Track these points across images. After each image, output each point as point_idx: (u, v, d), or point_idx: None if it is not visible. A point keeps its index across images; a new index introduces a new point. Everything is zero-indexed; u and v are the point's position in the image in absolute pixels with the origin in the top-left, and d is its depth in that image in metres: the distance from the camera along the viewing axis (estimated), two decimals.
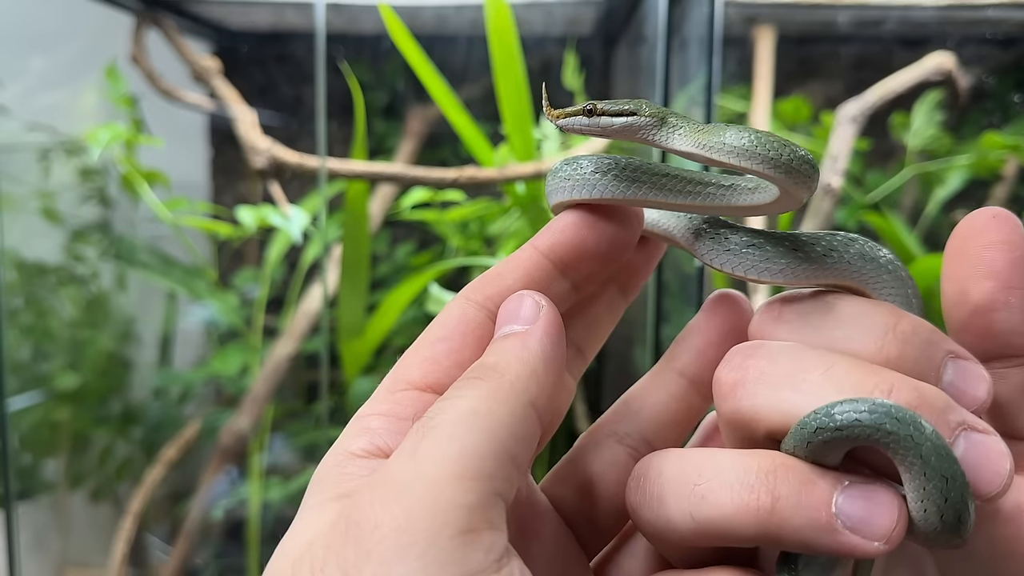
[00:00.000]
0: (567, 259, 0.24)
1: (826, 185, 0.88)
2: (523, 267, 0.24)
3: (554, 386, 0.22)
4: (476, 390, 0.21)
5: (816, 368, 0.21)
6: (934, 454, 0.19)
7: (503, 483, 0.20)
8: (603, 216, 0.24)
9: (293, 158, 0.86)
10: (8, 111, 0.99)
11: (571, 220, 0.24)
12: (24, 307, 1.07)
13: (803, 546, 0.20)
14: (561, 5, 1.03)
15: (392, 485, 0.19)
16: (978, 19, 0.96)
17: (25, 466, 1.09)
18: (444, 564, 0.18)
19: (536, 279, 0.24)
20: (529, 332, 0.22)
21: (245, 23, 1.14)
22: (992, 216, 0.23)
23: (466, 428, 0.20)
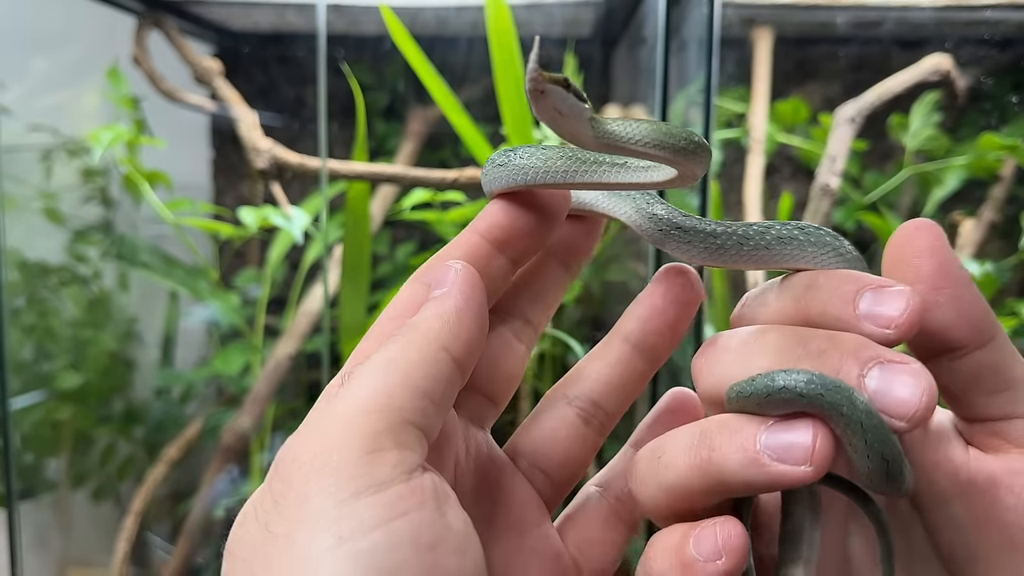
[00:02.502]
0: (501, 237, 0.27)
1: (824, 185, 0.89)
2: (463, 248, 0.27)
3: (470, 332, 0.25)
4: (393, 343, 0.24)
5: (756, 341, 0.25)
6: (863, 416, 0.21)
7: (414, 414, 0.23)
8: (529, 198, 0.28)
9: (294, 159, 0.87)
10: (10, 112, 1.00)
11: (502, 203, 0.28)
12: (26, 307, 1.07)
13: (746, 487, 0.23)
14: (561, 7, 1.03)
15: (311, 425, 0.23)
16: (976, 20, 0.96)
17: (27, 465, 1.09)
18: (353, 478, 0.21)
19: (476, 257, 0.27)
20: (445, 292, 0.26)
21: (247, 24, 1.14)
22: (915, 227, 0.25)
23: (378, 371, 0.23)
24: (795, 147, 1.03)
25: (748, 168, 0.97)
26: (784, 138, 1.02)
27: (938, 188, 0.99)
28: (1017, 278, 1.03)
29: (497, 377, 0.29)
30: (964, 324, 0.24)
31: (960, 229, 1.00)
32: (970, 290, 0.25)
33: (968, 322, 0.24)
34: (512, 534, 0.28)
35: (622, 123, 0.25)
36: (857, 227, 1.04)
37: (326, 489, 0.21)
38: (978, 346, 0.24)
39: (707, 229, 0.27)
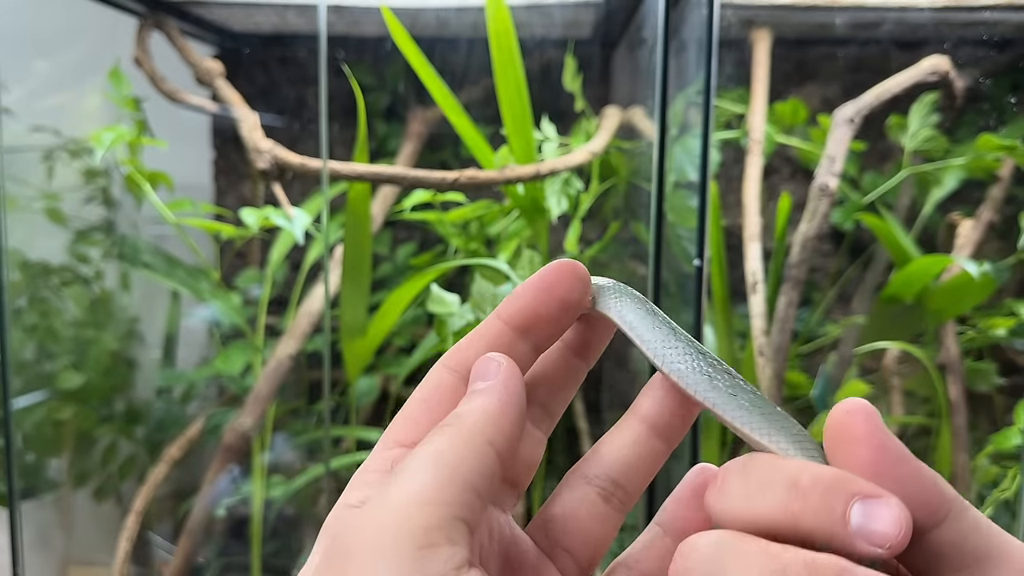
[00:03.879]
0: (524, 325, 0.29)
1: (823, 186, 0.89)
2: (488, 335, 0.29)
3: (512, 426, 0.26)
4: (442, 435, 0.25)
5: (731, 559, 0.23)
6: None
7: (462, 508, 0.23)
8: (553, 290, 0.29)
9: (295, 160, 0.87)
10: (12, 113, 1.00)
11: (527, 290, 0.29)
12: (28, 307, 1.08)
13: None
14: (560, 8, 1.03)
15: (367, 516, 0.23)
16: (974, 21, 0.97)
17: (29, 465, 1.10)
18: (407, 570, 0.22)
19: (501, 344, 0.28)
20: (490, 386, 0.27)
21: (248, 25, 1.15)
22: (847, 412, 0.24)
23: (429, 464, 0.24)
24: (794, 148, 1.04)
25: (747, 169, 0.98)
26: (783, 139, 1.02)
27: (936, 189, 0.99)
28: (1015, 278, 1.03)
29: (518, 463, 0.30)
30: (914, 508, 0.23)
31: (958, 229, 1.00)
32: (915, 470, 0.24)
33: (918, 505, 0.23)
34: None
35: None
36: (856, 227, 1.05)
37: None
38: (934, 526, 0.23)
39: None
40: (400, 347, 1.13)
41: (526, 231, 0.98)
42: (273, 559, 1.08)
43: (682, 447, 0.83)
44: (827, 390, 0.96)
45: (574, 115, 1.05)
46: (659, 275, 0.82)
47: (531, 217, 0.96)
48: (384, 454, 0.27)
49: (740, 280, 0.96)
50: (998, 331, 0.95)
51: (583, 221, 1.02)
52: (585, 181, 1.02)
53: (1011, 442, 0.86)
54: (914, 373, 0.99)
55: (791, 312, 0.88)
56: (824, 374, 0.98)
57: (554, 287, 0.28)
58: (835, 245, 1.11)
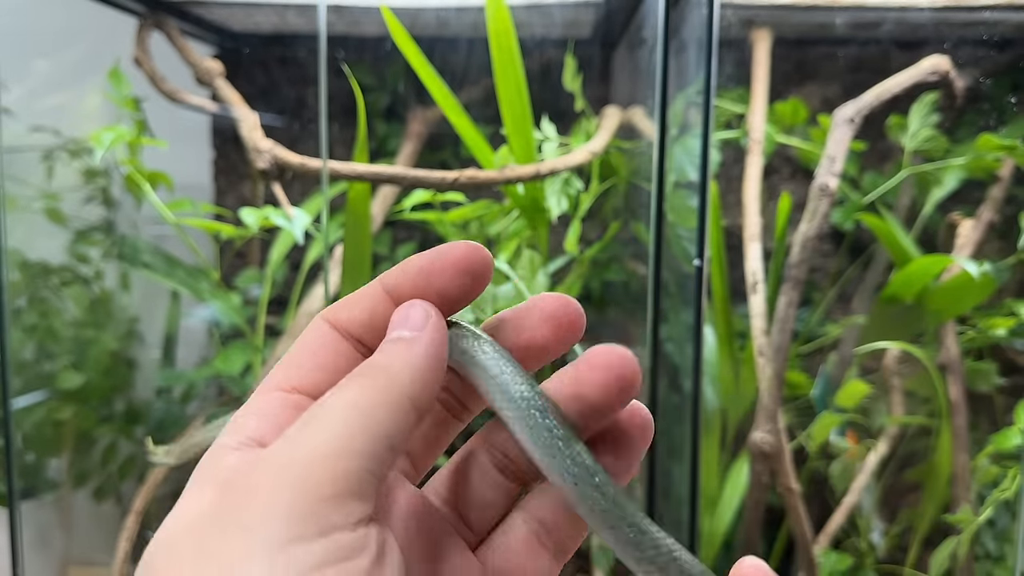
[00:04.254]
0: (402, 300, 0.26)
1: (823, 186, 0.89)
2: (369, 299, 0.27)
3: (435, 383, 0.25)
4: (359, 384, 0.24)
5: None
6: None
7: (373, 462, 0.23)
8: (433, 276, 0.27)
9: (295, 159, 0.87)
10: (12, 113, 1.00)
11: (414, 265, 0.27)
12: (28, 307, 1.08)
13: None
14: (560, 8, 1.03)
15: (268, 464, 0.22)
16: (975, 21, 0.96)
17: (29, 465, 1.09)
18: (305, 520, 0.21)
19: (379, 313, 0.27)
20: (416, 337, 0.25)
21: (247, 25, 1.14)
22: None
23: (343, 415, 0.23)
24: (794, 148, 1.04)
25: (747, 169, 0.98)
26: (783, 139, 1.02)
27: (937, 188, 0.99)
28: (1016, 278, 1.03)
29: (424, 437, 0.29)
30: None
31: (959, 229, 1.00)
32: None
33: None
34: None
35: None
36: (856, 227, 1.05)
37: (273, 527, 0.21)
38: None
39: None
40: None
41: (526, 231, 0.98)
42: None
43: (682, 447, 0.83)
44: (827, 390, 0.96)
45: (574, 115, 1.05)
46: (659, 275, 0.82)
47: (531, 217, 0.96)
48: (263, 398, 0.26)
49: (740, 280, 0.96)
50: (998, 331, 0.95)
51: (583, 221, 1.02)
52: (585, 181, 1.02)
53: (1011, 442, 0.86)
54: (914, 373, 0.99)
55: (791, 312, 0.88)
56: (824, 374, 0.98)
57: (433, 276, 0.26)
58: (835, 245, 1.11)
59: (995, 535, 0.93)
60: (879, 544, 0.99)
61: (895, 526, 1.01)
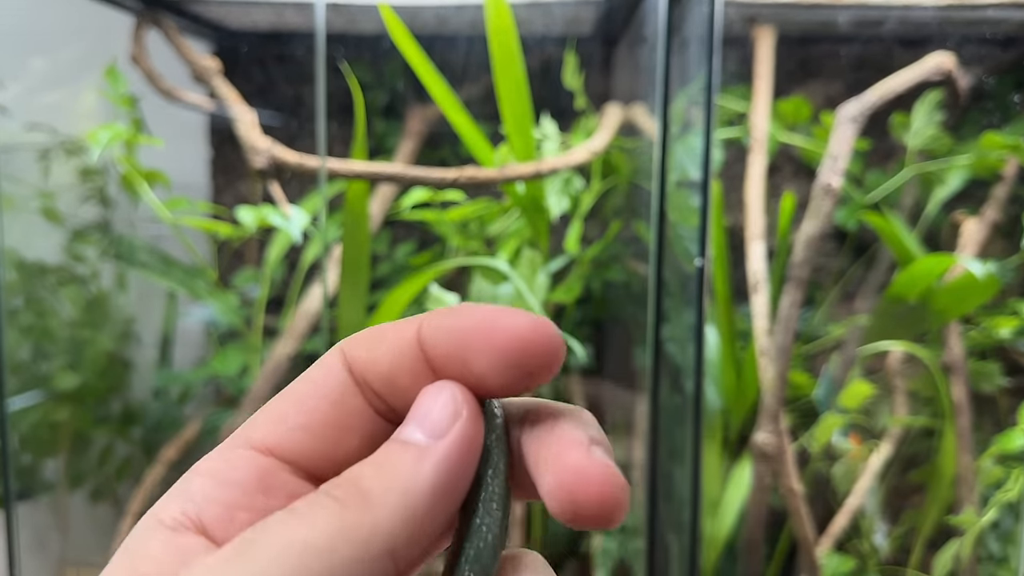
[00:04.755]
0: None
1: (826, 185, 0.88)
2: (404, 348, 0.20)
3: (436, 523, 0.18)
4: (325, 516, 0.17)
5: None
6: None
7: None
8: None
9: (293, 158, 0.86)
10: (8, 111, 0.99)
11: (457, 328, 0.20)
12: (24, 307, 1.07)
13: None
14: (561, 5, 1.03)
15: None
16: (978, 19, 0.96)
17: (25, 466, 1.09)
18: None
19: (403, 369, 0.20)
20: (428, 451, 0.18)
21: (245, 23, 1.14)
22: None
23: (282, 563, 0.16)
24: (797, 146, 1.03)
25: (749, 167, 0.97)
26: (786, 137, 1.01)
27: (940, 187, 0.99)
28: (1020, 278, 1.02)
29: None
30: None
31: (962, 229, 0.99)
32: None
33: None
34: None
35: None
36: (859, 227, 1.04)
37: None
38: None
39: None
40: None
41: (526, 230, 0.98)
42: None
43: (684, 448, 0.82)
44: (830, 390, 0.96)
45: (575, 113, 1.04)
46: (661, 275, 0.82)
47: (531, 216, 0.95)
48: (228, 454, 0.20)
49: (742, 280, 0.95)
50: (1002, 331, 0.94)
51: (584, 220, 1.02)
52: (586, 180, 1.02)
53: (1015, 443, 0.85)
54: (918, 374, 0.98)
55: (794, 312, 0.87)
56: (827, 375, 0.97)
57: (471, 353, 0.19)
58: (838, 244, 1.10)
59: (999, 537, 0.93)
60: (882, 546, 0.99)
61: (898, 528, 1.00)
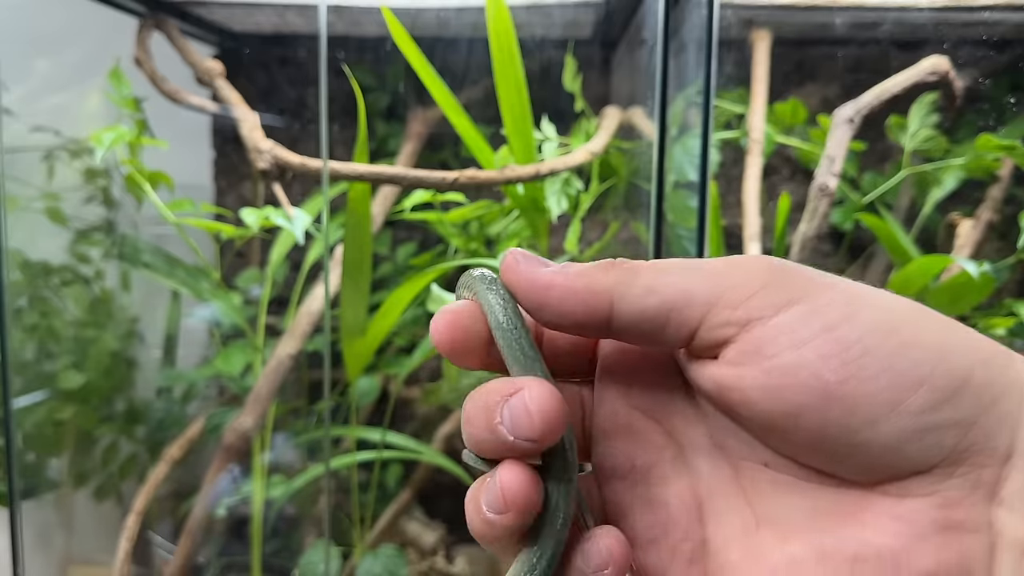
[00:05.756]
0: None
1: (822, 186, 0.89)
2: None
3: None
4: None
5: None
6: None
7: None
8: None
9: (296, 160, 0.87)
10: (13, 113, 1.00)
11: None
12: (29, 307, 1.08)
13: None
14: (560, 8, 1.03)
15: None
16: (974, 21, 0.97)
17: (29, 464, 1.10)
18: None
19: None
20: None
21: (248, 26, 1.15)
22: (504, 257, 0.28)
23: None
24: (794, 148, 1.04)
25: (747, 169, 0.98)
26: (783, 139, 1.02)
27: (936, 188, 0.99)
28: (1015, 278, 1.03)
29: None
30: (576, 314, 0.26)
31: (958, 229, 1.00)
32: (561, 285, 0.26)
33: (578, 311, 0.26)
34: None
35: None
36: (855, 227, 1.05)
37: None
38: (604, 317, 0.26)
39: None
40: (400, 347, 1.13)
41: (526, 231, 0.98)
42: (273, 559, 1.08)
43: None
44: None
45: (574, 115, 1.05)
46: None
47: (531, 217, 0.96)
48: None
49: None
50: (998, 331, 0.95)
51: (583, 221, 1.02)
52: (585, 181, 1.02)
53: None
54: None
55: None
56: None
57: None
58: (835, 245, 1.11)
59: None
60: None
61: None
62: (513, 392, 0.24)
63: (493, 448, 0.25)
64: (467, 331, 0.27)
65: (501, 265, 0.28)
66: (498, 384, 0.25)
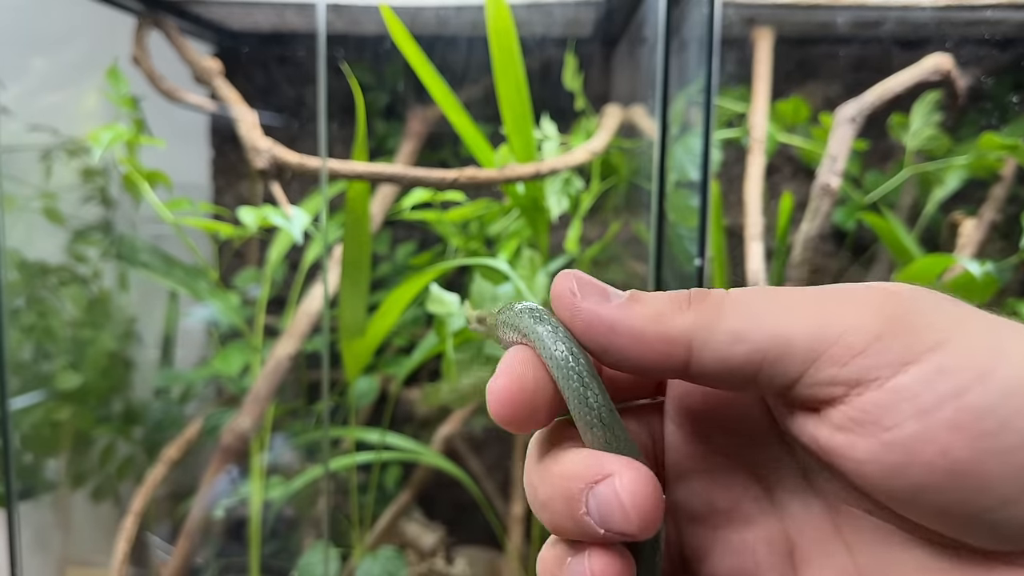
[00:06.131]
0: None
1: (825, 185, 0.88)
2: None
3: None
4: None
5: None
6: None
7: None
8: None
9: (294, 159, 0.86)
10: (10, 112, 1.00)
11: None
12: (26, 307, 1.07)
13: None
14: (561, 6, 1.03)
15: None
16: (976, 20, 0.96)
17: (27, 465, 1.09)
18: None
19: None
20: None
21: (246, 24, 1.14)
22: (555, 287, 0.24)
23: None
24: (795, 147, 1.03)
25: (748, 168, 0.97)
26: (784, 138, 1.02)
27: (939, 188, 0.99)
28: (1018, 278, 1.03)
29: None
30: (650, 362, 0.22)
31: (961, 229, 1.00)
32: (629, 331, 0.22)
33: (652, 359, 0.22)
34: None
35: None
36: (858, 227, 1.04)
37: None
38: (683, 365, 0.22)
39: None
40: (399, 347, 1.13)
41: (526, 231, 0.98)
42: (272, 560, 1.08)
43: None
44: None
45: (574, 114, 1.04)
46: (660, 275, 0.82)
47: (531, 216, 0.96)
48: None
49: (741, 280, 0.95)
50: None
51: (583, 220, 1.02)
52: (585, 180, 1.02)
53: None
54: None
55: None
56: None
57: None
58: (837, 245, 1.11)
59: None
60: None
61: None
62: (600, 479, 0.21)
63: (576, 535, 0.22)
64: (534, 393, 0.23)
65: (554, 296, 0.23)
66: (578, 467, 0.22)
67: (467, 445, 1.14)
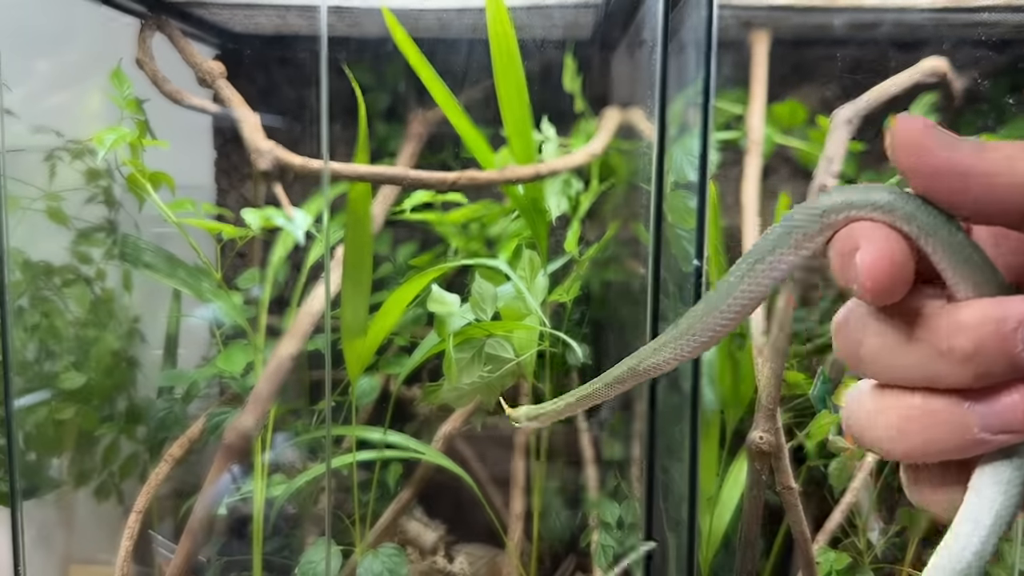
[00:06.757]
0: None
1: (821, 186, 0.89)
2: None
3: None
4: None
5: None
6: None
7: None
8: None
9: (296, 160, 0.87)
10: (14, 114, 1.00)
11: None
12: (30, 307, 1.08)
13: None
14: (560, 9, 1.04)
15: None
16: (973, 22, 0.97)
17: (30, 464, 1.10)
18: None
19: None
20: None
21: (249, 26, 1.15)
22: (898, 122, 0.24)
23: None
24: (793, 148, 1.04)
25: (746, 169, 0.98)
26: (782, 139, 1.02)
27: None
28: None
29: None
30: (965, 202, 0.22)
31: None
32: (948, 170, 0.22)
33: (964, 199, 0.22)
34: None
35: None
36: None
37: None
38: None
39: None
40: (401, 347, 1.14)
41: (526, 231, 0.99)
42: (274, 558, 1.08)
43: (681, 446, 0.83)
44: (826, 390, 0.97)
45: (574, 116, 1.05)
46: (658, 275, 0.83)
47: (531, 217, 0.96)
48: None
49: None
50: None
51: (582, 221, 1.03)
52: (585, 182, 1.03)
53: None
54: None
55: (790, 312, 0.88)
56: (823, 374, 0.98)
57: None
58: None
59: None
60: (877, 543, 1.00)
61: (893, 525, 1.01)
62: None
63: (1008, 375, 0.22)
64: (905, 256, 0.23)
65: (900, 142, 0.23)
66: (995, 310, 0.22)
67: (468, 444, 1.15)
